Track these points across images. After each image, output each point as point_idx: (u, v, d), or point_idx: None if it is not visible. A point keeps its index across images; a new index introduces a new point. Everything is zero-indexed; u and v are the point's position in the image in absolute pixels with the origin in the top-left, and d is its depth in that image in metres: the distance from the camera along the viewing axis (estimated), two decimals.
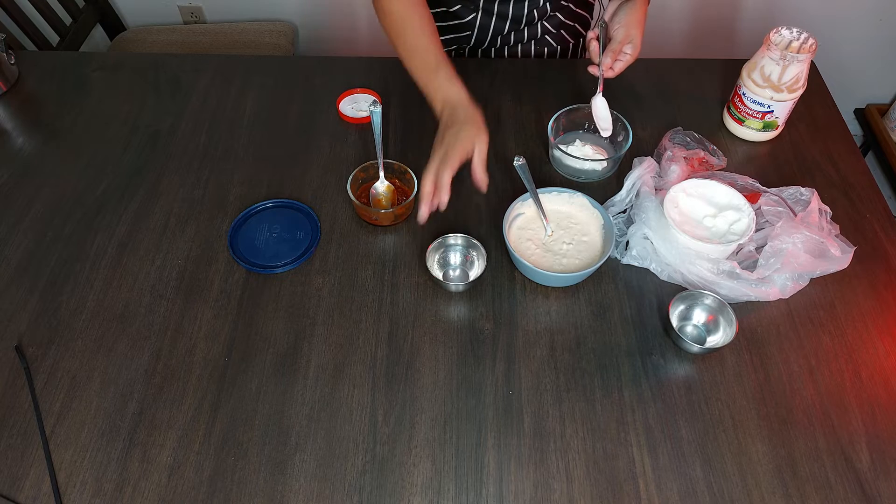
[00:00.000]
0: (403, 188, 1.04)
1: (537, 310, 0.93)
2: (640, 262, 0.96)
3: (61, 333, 0.91)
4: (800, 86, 1.06)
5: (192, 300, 0.94)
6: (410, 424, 0.83)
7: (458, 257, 0.98)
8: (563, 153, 1.06)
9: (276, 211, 1.04)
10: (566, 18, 1.29)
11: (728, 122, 1.16)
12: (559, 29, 1.30)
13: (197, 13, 2.13)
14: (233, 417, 0.83)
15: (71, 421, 0.83)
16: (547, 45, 1.33)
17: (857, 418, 0.83)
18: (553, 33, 1.31)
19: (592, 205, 0.98)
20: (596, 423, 0.83)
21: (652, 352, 0.89)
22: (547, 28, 1.29)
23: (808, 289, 0.94)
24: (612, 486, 0.78)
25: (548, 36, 1.31)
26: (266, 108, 1.21)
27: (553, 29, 1.30)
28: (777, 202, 0.98)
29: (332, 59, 1.31)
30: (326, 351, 0.89)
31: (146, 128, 1.18)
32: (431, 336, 0.90)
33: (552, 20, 1.28)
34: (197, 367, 0.88)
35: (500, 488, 0.78)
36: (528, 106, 1.20)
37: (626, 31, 1.05)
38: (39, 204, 1.07)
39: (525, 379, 0.86)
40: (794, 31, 1.04)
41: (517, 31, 1.27)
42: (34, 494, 0.78)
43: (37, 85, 1.27)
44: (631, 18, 1.05)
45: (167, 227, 1.03)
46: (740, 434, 0.82)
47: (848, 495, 0.77)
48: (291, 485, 0.78)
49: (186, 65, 1.30)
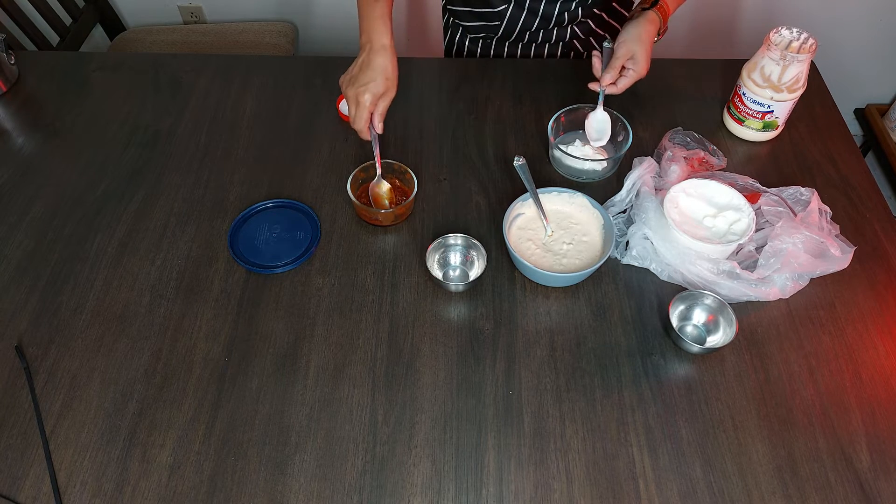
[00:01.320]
0: (403, 188, 1.04)
1: (537, 310, 0.93)
2: (640, 262, 0.96)
3: (61, 333, 0.91)
4: (800, 86, 1.06)
5: (192, 300, 0.94)
6: (410, 424, 0.83)
7: (458, 257, 0.98)
8: (563, 153, 1.06)
9: (276, 211, 1.04)
10: (596, 27, 1.29)
11: (728, 122, 1.16)
12: (588, 36, 1.30)
13: (197, 13, 2.13)
14: (233, 417, 0.83)
15: (71, 421, 0.83)
16: (574, 50, 1.33)
17: (857, 418, 0.83)
18: (581, 39, 1.31)
19: (592, 205, 0.98)
20: (596, 423, 0.83)
21: (652, 352, 0.89)
22: (576, 33, 1.29)
23: (808, 289, 0.94)
24: (612, 486, 0.78)
25: (576, 41, 1.31)
26: (266, 108, 1.21)
27: (582, 35, 1.30)
28: (777, 202, 0.98)
29: (332, 59, 1.31)
30: (326, 351, 0.89)
31: (146, 128, 1.18)
32: (431, 336, 0.90)
33: (582, 26, 1.28)
34: (197, 367, 0.88)
35: (500, 488, 0.78)
36: (528, 106, 1.20)
37: (627, 47, 1.04)
38: (39, 204, 1.07)
39: (525, 379, 0.86)
40: (794, 31, 1.04)
41: (546, 30, 1.27)
42: (34, 494, 0.78)
43: (37, 85, 1.27)
44: (633, 34, 1.04)
45: (167, 227, 1.03)
46: (740, 434, 0.82)
47: (848, 495, 0.77)
48: (291, 485, 0.78)
49: (186, 65, 1.30)
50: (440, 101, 1.22)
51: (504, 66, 1.28)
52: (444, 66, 1.29)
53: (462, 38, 1.37)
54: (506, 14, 1.24)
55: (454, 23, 1.36)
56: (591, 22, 1.28)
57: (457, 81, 1.25)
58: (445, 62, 1.32)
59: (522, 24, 1.25)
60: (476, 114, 1.19)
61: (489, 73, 1.26)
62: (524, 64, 1.29)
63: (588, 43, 1.32)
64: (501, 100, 1.21)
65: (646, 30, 1.05)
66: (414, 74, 1.27)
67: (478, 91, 1.23)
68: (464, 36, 1.36)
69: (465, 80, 1.25)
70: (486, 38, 1.33)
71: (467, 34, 1.35)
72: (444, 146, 1.14)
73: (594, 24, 1.29)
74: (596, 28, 1.29)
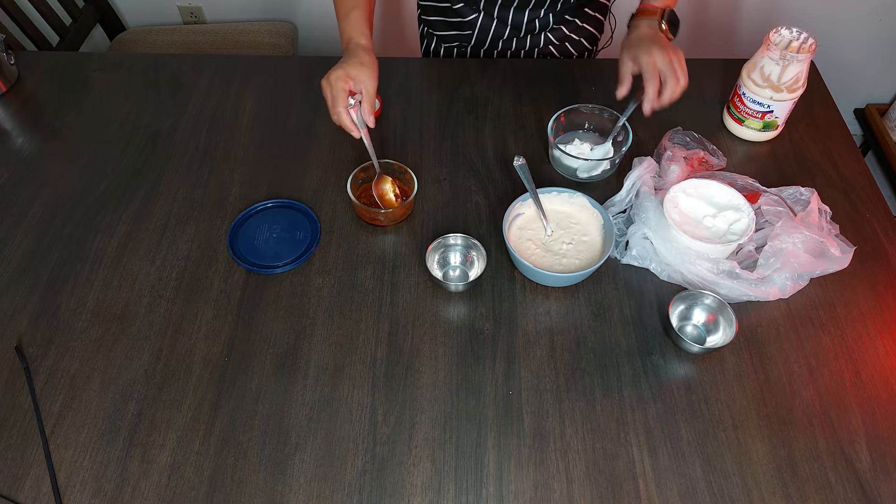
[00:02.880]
0: (403, 188, 1.04)
1: (537, 310, 0.93)
2: (640, 262, 0.96)
3: (61, 333, 0.91)
4: (800, 86, 1.06)
5: (192, 300, 0.94)
6: (410, 424, 0.83)
7: (458, 257, 0.98)
8: (563, 153, 1.06)
9: (276, 211, 1.04)
10: (571, 32, 1.29)
11: (728, 122, 1.16)
12: (563, 42, 1.30)
13: (197, 13, 2.13)
14: (233, 417, 0.83)
15: (71, 421, 0.83)
16: (550, 56, 1.33)
17: (857, 418, 0.83)
18: (557, 45, 1.31)
19: (592, 205, 0.98)
20: (596, 423, 0.83)
21: (652, 352, 0.89)
22: (550, 39, 1.28)
23: (808, 289, 0.94)
24: (612, 486, 0.78)
25: (551, 47, 1.31)
26: (266, 108, 1.21)
27: (557, 41, 1.29)
28: (777, 202, 0.98)
29: (332, 59, 1.30)
30: (326, 351, 0.89)
31: (146, 128, 1.18)
32: (431, 336, 0.90)
33: (556, 33, 1.28)
34: (197, 367, 0.88)
35: (500, 488, 0.78)
36: (528, 106, 1.20)
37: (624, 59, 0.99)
38: (39, 204, 1.07)
39: (525, 379, 0.86)
40: (794, 31, 1.04)
41: (518, 39, 1.27)
42: (34, 494, 0.78)
43: (37, 85, 1.27)
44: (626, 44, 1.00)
45: (167, 227, 1.03)
46: (740, 434, 0.82)
47: (848, 495, 0.77)
48: (291, 485, 0.78)
49: (186, 65, 1.30)
50: (440, 101, 1.22)
51: (504, 66, 1.28)
52: (444, 66, 1.29)
53: (437, 48, 1.37)
54: (476, 23, 1.24)
55: (428, 32, 1.36)
56: (565, 28, 1.27)
57: (457, 81, 1.25)
58: (445, 62, 1.32)
59: (494, 33, 1.25)
60: (476, 114, 1.19)
61: (489, 73, 1.26)
62: (524, 64, 1.29)
63: (564, 49, 1.31)
64: (501, 100, 1.21)
65: (636, 33, 0.99)
66: (413, 74, 1.27)
67: (478, 91, 1.23)
68: (439, 45, 1.36)
69: (465, 80, 1.25)
70: (461, 47, 1.33)
71: (442, 43, 1.35)
72: (444, 146, 1.14)
73: (568, 29, 1.28)
74: (570, 34, 1.29)
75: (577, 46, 1.32)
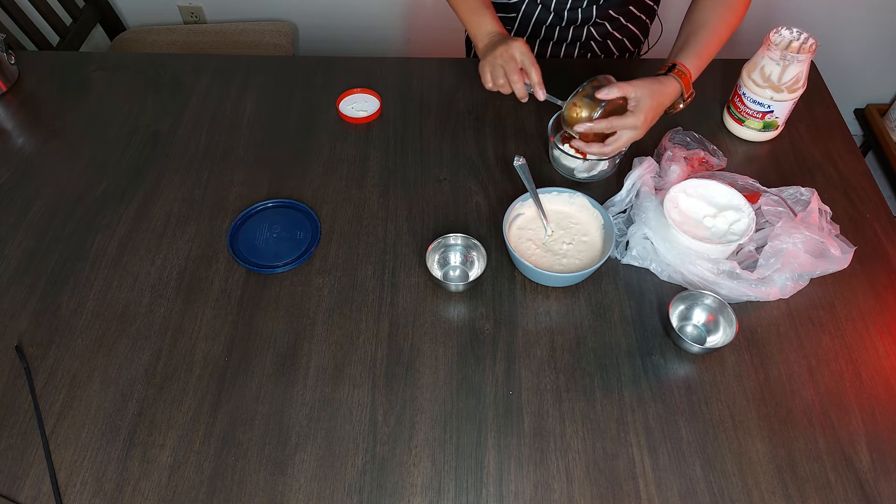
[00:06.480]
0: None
1: (537, 310, 0.93)
2: (640, 262, 0.96)
3: (61, 333, 0.91)
4: (800, 86, 1.06)
5: (192, 300, 0.94)
6: (410, 424, 0.83)
7: (458, 257, 0.98)
8: (563, 153, 1.06)
9: (276, 211, 1.04)
10: (614, 30, 1.29)
11: (728, 122, 1.16)
12: (605, 38, 1.30)
13: (197, 13, 2.13)
14: (233, 417, 0.83)
15: (71, 421, 0.83)
16: (591, 52, 1.33)
17: (857, 418, 0.83)
18: (599, 41, 1.30)
19: (592, 205, 0.98)
20: (596, 423, 0.83)
21: (652, 352, 0.89)
22: (593, 34, 1.28)
23: (808, 289, 0.94)
24: (612, 486, 0.78)
25: (593, 42, 1.31)
26: (266, 108, 1.21)
27: (599, 37, 1.29)
28: (777, 202, 0.98)
29: (332, 59, 1.31)
30: (326, 351, 0.89)
31: (146, 128, 1.18)
32: (431, 336, 0.90)
33: (599, 28, 1.27)
34: (197, 367, 0.88)
35: (500, 488, 0.78)
36: (528, 106, 1.20)
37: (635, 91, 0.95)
38: (39, 204, 1.07)
39: (525, 379, 0.86)
40: (794, 31, 1.05)
41: (561, 28, 1.26)
42: (34, 494, 0.78)
43: (37, 85, 1.27)
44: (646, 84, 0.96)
45: (167, 227, 1.03)
46: (740, 434, 0.82)
47: (848, 495, 0.77)
48: (291, 485, 0.78)
49: (186, 65, 1.30)
50: (440, 101, 1.22)
51: None
52: (444, 66, 1.29)
53: None
54: (520, 7, 1.24)
55: None
56: (608, 24, 1.27)
57: (457, 81, 1.25)
58: (445, 62, 1.32)
59: (537, 18, 1.25)
60: (476, 114, 1.19)
61: None
62: None
63: (605, 45, 1.31)
64: (501, 100, 1.21)
65: (657, 89, 0.96)
66: (414, 74, 1.27)
67: (478, 91, 1.23)
68: None
69: (465, 80, 1.25)
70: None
71: None
72: (444, 146, 1.14)
73: (611, 26, 1.28)
74: (613, 31, 1.29)
75: (618, 45, 1.32)
